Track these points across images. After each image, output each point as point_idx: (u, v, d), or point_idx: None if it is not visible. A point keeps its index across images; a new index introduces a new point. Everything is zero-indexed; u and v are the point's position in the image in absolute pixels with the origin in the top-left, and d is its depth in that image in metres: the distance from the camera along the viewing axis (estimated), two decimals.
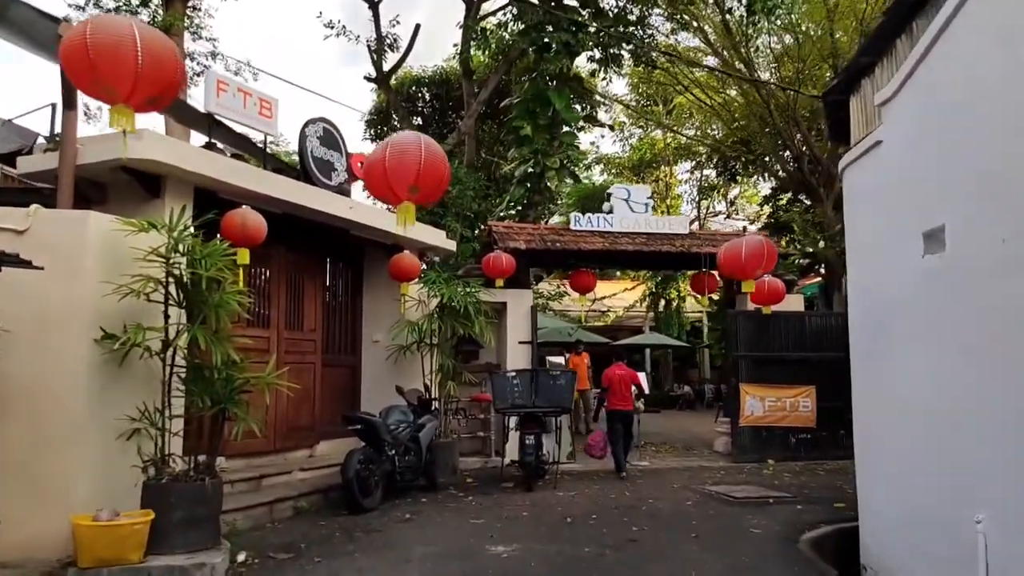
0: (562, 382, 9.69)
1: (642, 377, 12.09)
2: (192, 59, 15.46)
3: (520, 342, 11.50)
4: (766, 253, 7.38)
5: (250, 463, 8.55)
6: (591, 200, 21.13)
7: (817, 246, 13.87)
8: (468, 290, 10.41)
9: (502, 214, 15.15)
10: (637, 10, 15.42)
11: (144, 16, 14.25)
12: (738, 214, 27.26)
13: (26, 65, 52.51)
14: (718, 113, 18.13)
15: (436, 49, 58.60)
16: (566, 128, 13.99)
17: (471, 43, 15.51)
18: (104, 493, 5.85)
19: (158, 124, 12.20)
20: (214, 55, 16.14)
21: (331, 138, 9.38)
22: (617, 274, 23.52)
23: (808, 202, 19.40)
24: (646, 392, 12.26)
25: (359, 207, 9.33)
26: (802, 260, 14.96)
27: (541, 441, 9.35)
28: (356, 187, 10.43)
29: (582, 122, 15.40)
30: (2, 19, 7.27)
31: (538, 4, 13.73)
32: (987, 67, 4.36)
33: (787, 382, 11.83)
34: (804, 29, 15.64)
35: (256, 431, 6.22)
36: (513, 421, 9.74)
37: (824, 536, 7.18)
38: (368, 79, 18.63)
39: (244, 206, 7.49)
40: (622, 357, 11.70)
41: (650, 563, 6.12)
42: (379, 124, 21.14)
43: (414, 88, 21.73)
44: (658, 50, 16.17)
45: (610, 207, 11.77)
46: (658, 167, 26.09)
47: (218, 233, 6.95)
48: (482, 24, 15.45)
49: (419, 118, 21.30)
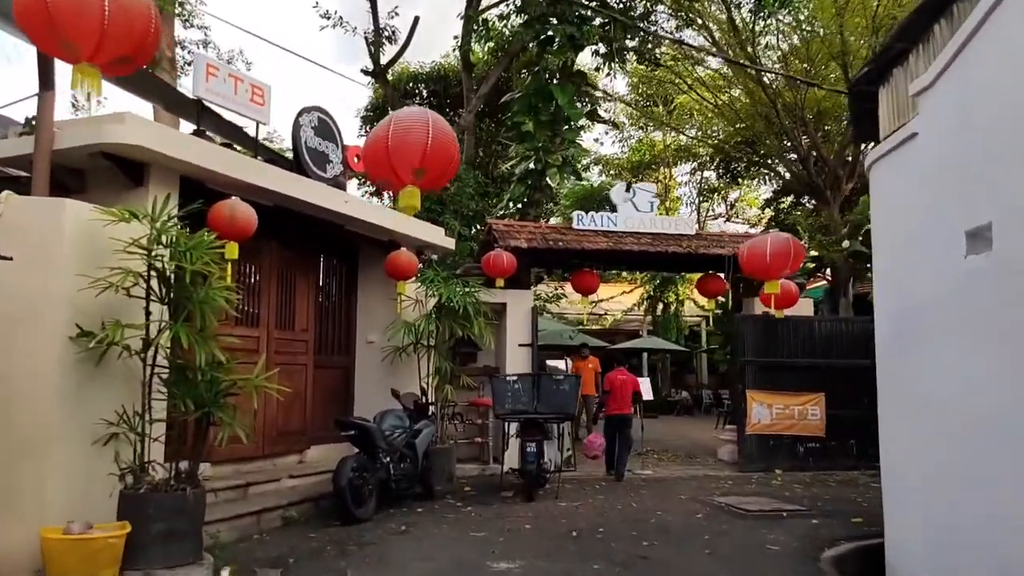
0: (566, 387, 9.26)
1: (645, 383, 11.71)
2: (183, 48, 15.00)
3: (520, 345, 11.08)
4: (792, 252, 6.96)
5: (237, 470, 8.09)
6: (589, 202, 20.76)
7: (824, 250, 13.49)
8: (467, 290, 9.99)
9: (501, 212, 14.73)
10: (642, 6, 15.05)
11: None
12: (738, 217, 26.92)
13: (27, 65, 51.76)
14: (722, 112, 17.76)
15: (435, 44, 58.04)
16: (568, 125, 13.57)
17: (472, 35, 15.08)
18: (77, 503, 5.42)
19: (146, 112, 11.74)
20: (205, 44, 15.67)
21: (326, 129, 8.94)
22: (615, 275, 23.09)
23: (812, 204, 19.09)
24: (648, 399, 11.82)
25: (355, 201, 8.91)
26: (808, 264, 14.55)
27: (543, 449, 8.92)
28: (351, 183, 10.00)
29: (585, 119, 14.94)
30: None
31: None
32: None
33: (795, 389, 11.45)
34: (812, 28, 15.28)
35: (243, 437, 5.77)
36: (513, 427, 9.31)
37: (846, 554, 6.78)
38: (365, 72, 18.21)
39: (233, 197, 7.05)
40: (623, 363, 11.59)
41: None
42: (375, 120, 20.66)
43: (411, 84, 21.30)
44: (667, 36, 15.71)
45: (632, 192, 11.32)
46: (657, 169, 25.73)
47: (205, 225, 6.51)
48: (484, 16, 15.02)
49: None
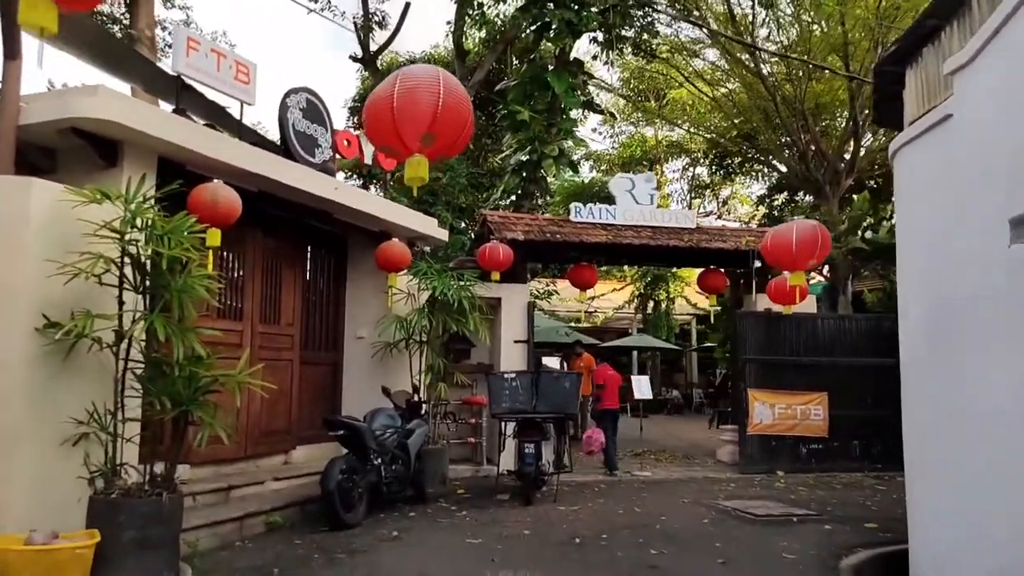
0: (566, 385, 8.84)
1: (644, 381, 11.33)
2: (163, 28, 14.43)
3: (516, 341, 10.65)
4: (820, 241, 6.57)
5: (217, 472, 7.64)
6: (580, 198, 20.34)
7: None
8: (462, 283, 9.55)
9: (494, 205, 14.30)
10: None
11: None
12: (729, 215, 26.63)
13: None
14: (720, 106, 17.42)
15: (427, 31, 57.36)
16: (564, 115, 13.15)
17: (466, 20, 14.61)
18: (42, 510, 4.99)
19: (123, 92, 11.15)
20: (187, 23, 15.08)
21: (315, 111, 8.48)
22: (604, 272, 22.71)
23: (808, 200, 18.79)
24: (646, 398, 11.45)
25: (344, 188, 8.44)
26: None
27: (541, 450, 8.51)
28: (339, 175, 9.54)
29: (581, 108, 14.51)
30: None
31: None
32: None
33: (798, 388, 11.11)
34: (812, 19, 14.95)
35: (224, 438, 5.31)
36: (510, 427, 8.88)
37: (864, 563, 6.41)
38: (354, 59, 17.68)
39: (215, 180, 6.59)
40: (606, 359, 11.38)
41: None
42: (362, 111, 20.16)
43: None
44: (668, 13, 15.24)
45: (654, 182, 10.95)
46: (648, 165, 25.38)
47: (184, 210, 6.04)
48: (479, 0, 14.56)
49: None
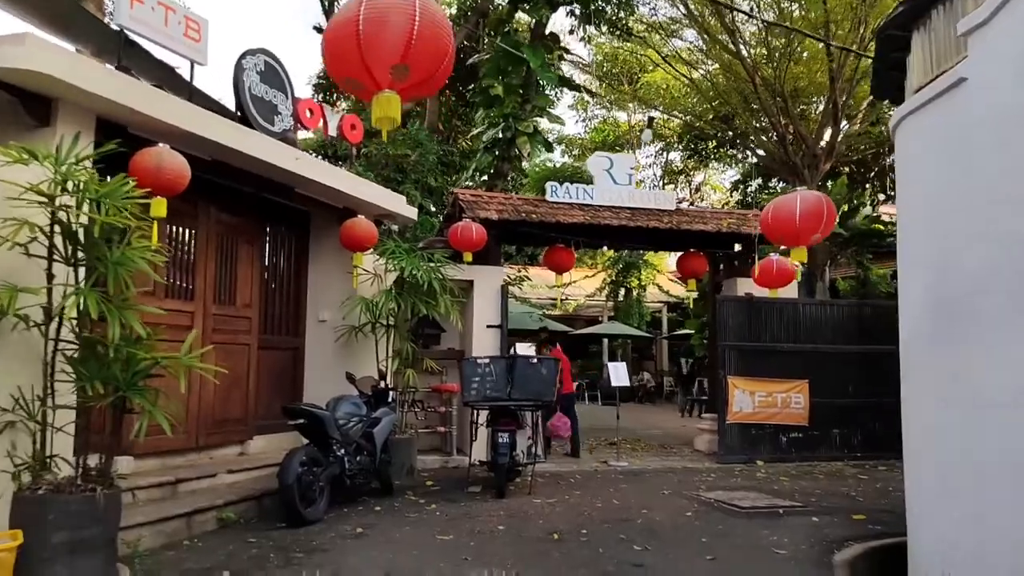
0: (544, 371, 8.37)
1: (622, 368, 10.93)
2: None
3: (488, 326, 10.16)
4: (825, 213, 6.14)
5: (165, 464, 7.06)
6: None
7: None
8: (432, 264, 9.03)
9: (466, 184, 13.74)
10: None
11: None
12: (703, 201, 26.35)
13: None
14: (697, 87, 17.04)
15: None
16: (540, 91, 12.63)
17: None
18: None
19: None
20: None
21: (274, 75, 7.87)
22: (577, 258, 22.31)
23: (783, 185, 18.53)
24: (623, 385, 11.05)
25: (307, 160, 7.85)
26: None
27: (515, 440, 8.05)
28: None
29: (557, 85, 13.97)
30: None
31: None
32: None
33: (778, 375, 10.79)
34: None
35: (165, 427, 4.75)
36: (483, 416, 8.41)
37: (859, 558, 6.06)
38: (318, 30, 16.88)
39: (161, 144, 5.99)
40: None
41: None
42: (328, 88, 19.41)
43: None
44: None
45: (651, 136, 10.52)
46: (622, 149, 24.97)
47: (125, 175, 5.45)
48: None
49: None
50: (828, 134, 14.83)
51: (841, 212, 14.18)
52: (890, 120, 5.95)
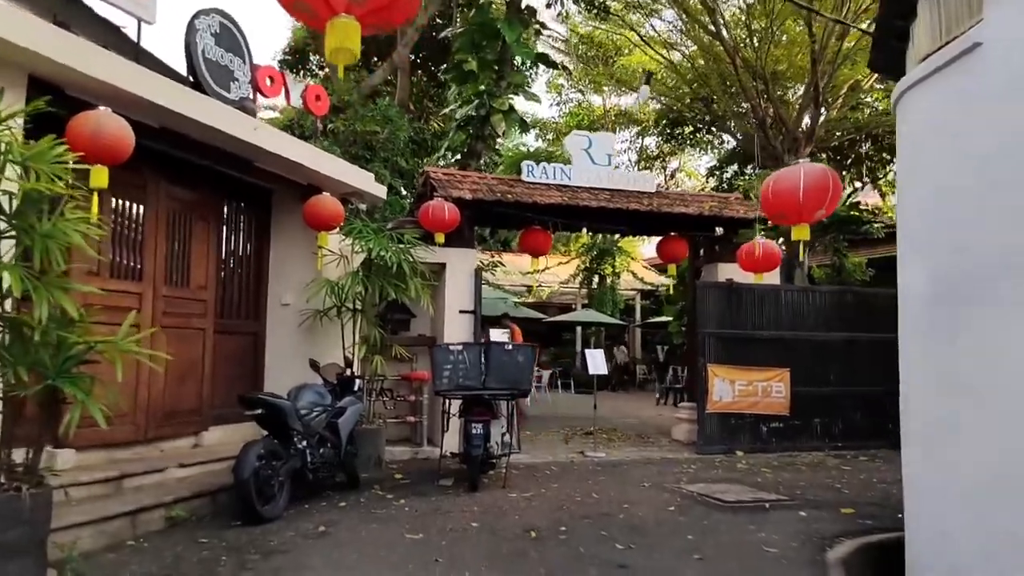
0: (520, 358, 7.94)
1: (599, 355, 10.54)
2: None
3: (461, 311, 9.70)
4: (831, 187, 5.73)
5: (110, 458, 6.53)
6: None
7: None
8: (402, 245, 8.54)
9: (439, 164, 13.21)
10: None
11: None
12: (677, 187, 26.05)
13: None
14: (676, 68, 16.65)
15: None
16: (516, 67, 12.13)
17: None
18: None
19: None
20: None
21: (231, 38, 7.30)
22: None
23: (758, 173, 18.25)
24: (602, 373, 10.66)
25: (267, 130, 7.30)
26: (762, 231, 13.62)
27: (490, 431, 7.62)
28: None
29: (534, 62, 13.44)
30: None
31: None
32: None
33: (759, 363, 10.49)
34: None
35: (99, 419, 4.23)
36: (456, 406, 7.96)
37: (852, 555, 5.74)
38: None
39: (102, 108, 5.44)
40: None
41: None
42: (294, 66, 18.70)
43: None
44: None
45: (649, 89, 9.96)
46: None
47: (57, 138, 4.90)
48: None
49: None
50: (808, 118, 14.55)
51: None
52: (893, 93, 5.59)
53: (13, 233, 4.36)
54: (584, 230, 10.53)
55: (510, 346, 8.26)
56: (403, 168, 13.37)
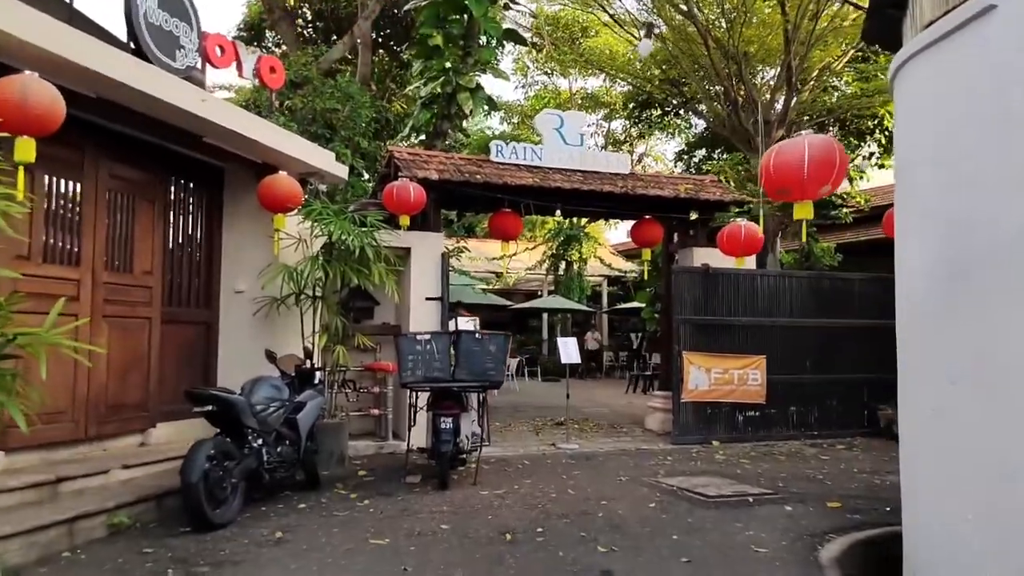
0: (492, 348, 7.51)
1: (572, 343, 10.17)
2: None
3: (428, 298, 9.22)
4: (838, 161, 5.34)
5: (46, 459, 5.98)
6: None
7: (752, 201, 12.17)
8: (365, 228, 8.03)
9: (404, 144, 12.66)
10: None
11: None
12: (644, 172, 25.73)
13: None
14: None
15: None
16: (483, 42, 11.60)
17: None
18: None
19: None
20: None
21: (176, 3, 6.71)
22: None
23: (727, 156, 18.03)
24: (574, 362, 10.29)
25: (216, 103, 6.73)
26: (734, 215, 13.36)
27: (459, 425, 7.19)
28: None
29: (502, 39, 12.90)
30: None
31: None
32: None
33: (735, 351, 10.22)
34: None
35: (19, 420, 3.71)
36: (423, 399, 7.51)
37: (845, 554, 5.44)
38: None
39: (27, 72, 4.86)
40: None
41: None
42: (250, 42, 17.89)
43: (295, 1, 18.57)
44: None
45: (652, 39, 9.43)
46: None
47: None
48: None
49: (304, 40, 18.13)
50: (781, 100, 14.30)
51: None
52: (891, 65, 5.25)
53: None
54: (557, 212, 10.05)
55: (481, 335, 7.81)
56: (365, 150, 12.80)
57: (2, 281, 5.07)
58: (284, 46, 15.44)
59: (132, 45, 6.36)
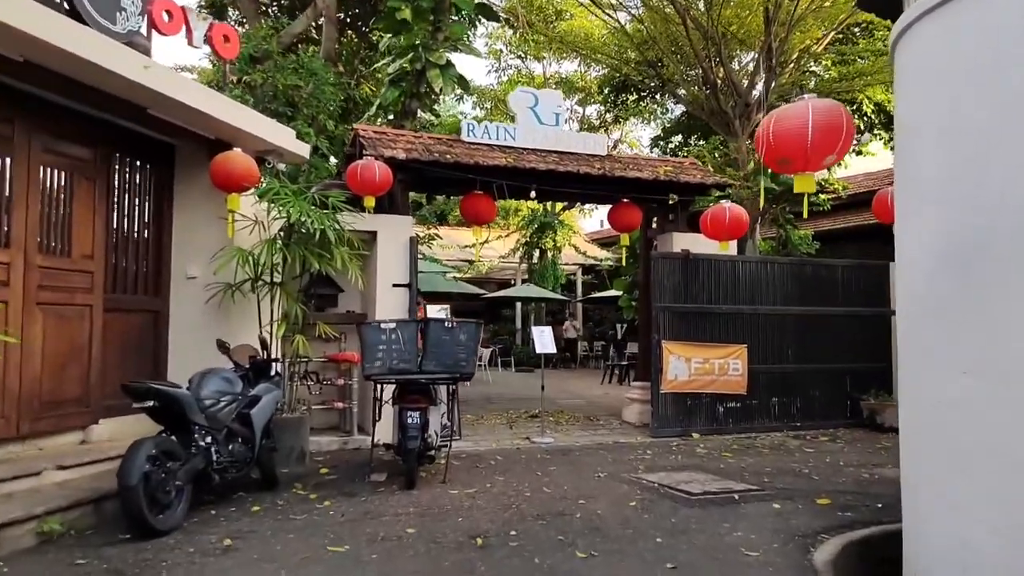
0: (463, 337, 7.04)
1: (547, 333, 9.73)
2: None
3: (395, 285, 8.73)
4: (845, 128, 4.89)
5: None
6: None
7: (732, 185, 11.77)
8: (327, 210, 7.52)
9: (371, 124, 12.06)
10: None
11: None
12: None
13: None
14: (624, 30, 15.83)
15: None
16: (455, 16, 11.06)
17: None
18: None
19: None
20: None
21: None
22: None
23: (702, 144, 17.68)
24: (551, 352, 9.86)
25: (161, 71, 6.17)
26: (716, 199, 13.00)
27: (428, 419, 6.73)
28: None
29: (475, 13, 12.34)
30: None
31: None
32: None
33: (716, 339, 9.86)
34: None
35: None
36: (389, 391, 7.05)
37: (839, 556, 5.09)
38: None
39: None
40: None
41: None
42: (212, 17, 17.08)
43: None
44: None
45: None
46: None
47: None
48: None
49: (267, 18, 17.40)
50: (761, 83, 13.95)
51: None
52: (892, 32, 4.86)
53: None
54: (532, 194, 9.59)
55: (451, 323, 7.33)
56: (333, 133, 12.22)
57: None
58: (247, 24, 14.77)
59: (66, 6, 5.77)
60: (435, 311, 11.23)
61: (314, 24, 14.22)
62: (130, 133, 6.84)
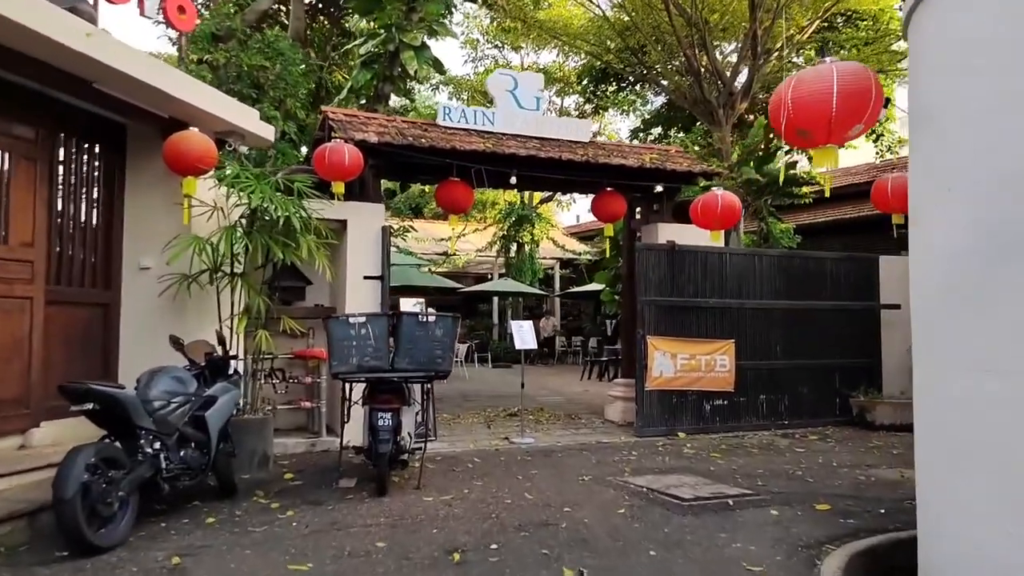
0: (438, 332, 6.56)
1: (528, 328, 9.28)
2: None
3: (366, 277, 8.24)
4: (874, 93, 4.44)
5: None
6: None
7: (717, 174, 11.38)
8: (292, 197, 6.99)
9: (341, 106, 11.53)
10: None
11: None
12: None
13: None
14: (607, 17, 15.39)
15: None
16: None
17: None
18: None
19: None
20: None
21: None
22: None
23: (680, 137, 17.36)
24: (531, 348, 9.42)
25: (105, 40, 5.62)
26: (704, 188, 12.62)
27: (400, 421, 6.25)
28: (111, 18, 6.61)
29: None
30: None
31: None
32: None
33: (702, 335, 9.49)
34: None
35: None
36: (358, 391, 6.55)
37: (848, 567, 4.70)
38: None
39: None
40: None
41: None
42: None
43: None
44: None
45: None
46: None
47: None
48: None
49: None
50: (745, 72, 13.60)
51: (757, 157, 13.07)
52: (904, 8, 4.45)
53: None
54: (512, 181, 9.10)
55: (426, 317, 6.84)
56: (303, 121, 11.65)
57: None
58: (212, 5, 14.12)
59: None
60: (410, 305, 10.71)
61: (282, 6, 13.62)
62: (76, 111, 6.29)
